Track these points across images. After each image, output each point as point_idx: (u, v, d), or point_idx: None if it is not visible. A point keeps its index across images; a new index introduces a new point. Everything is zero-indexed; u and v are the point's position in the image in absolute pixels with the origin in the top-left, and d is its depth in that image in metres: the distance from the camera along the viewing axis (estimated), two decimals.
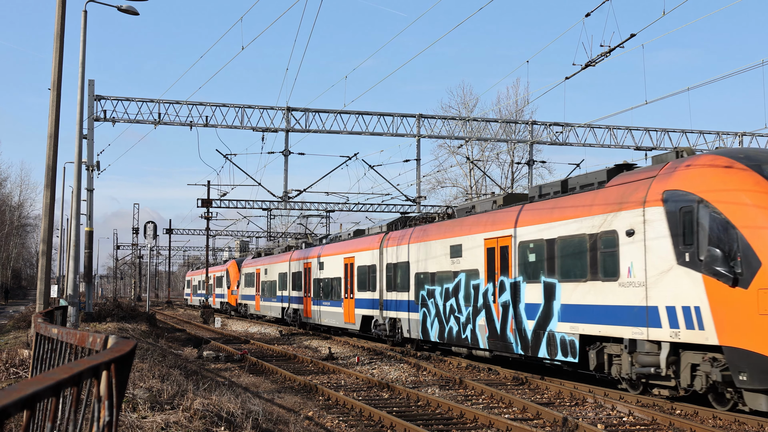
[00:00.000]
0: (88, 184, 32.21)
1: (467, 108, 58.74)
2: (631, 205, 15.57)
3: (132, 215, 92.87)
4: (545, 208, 18.78)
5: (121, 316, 34.67)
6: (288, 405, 15.51)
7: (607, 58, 20.84)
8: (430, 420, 14.03)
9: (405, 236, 27.37)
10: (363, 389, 18.02)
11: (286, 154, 37.09)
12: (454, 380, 19.05)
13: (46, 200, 19.33)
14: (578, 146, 41.18)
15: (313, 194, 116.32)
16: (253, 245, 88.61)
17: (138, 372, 13.51)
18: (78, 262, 30.33)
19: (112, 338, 4.49)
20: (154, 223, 52.69)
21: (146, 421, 9.44)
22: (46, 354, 6.81)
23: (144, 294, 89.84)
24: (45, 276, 19.84)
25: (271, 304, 46.77)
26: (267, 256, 51.34)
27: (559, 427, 13.19)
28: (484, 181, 60.51)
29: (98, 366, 3.28)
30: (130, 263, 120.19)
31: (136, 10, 27.57)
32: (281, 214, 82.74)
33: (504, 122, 47.97)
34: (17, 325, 31.72)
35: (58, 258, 71.78)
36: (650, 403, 15.44)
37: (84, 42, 28.55)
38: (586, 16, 20.75)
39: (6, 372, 13.76)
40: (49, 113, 19.17)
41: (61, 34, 19.30)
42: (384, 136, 38.40)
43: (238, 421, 10.73)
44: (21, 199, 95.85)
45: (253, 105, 36.65)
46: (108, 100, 35.00)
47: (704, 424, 12.96)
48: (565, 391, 16.91)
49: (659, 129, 41.52)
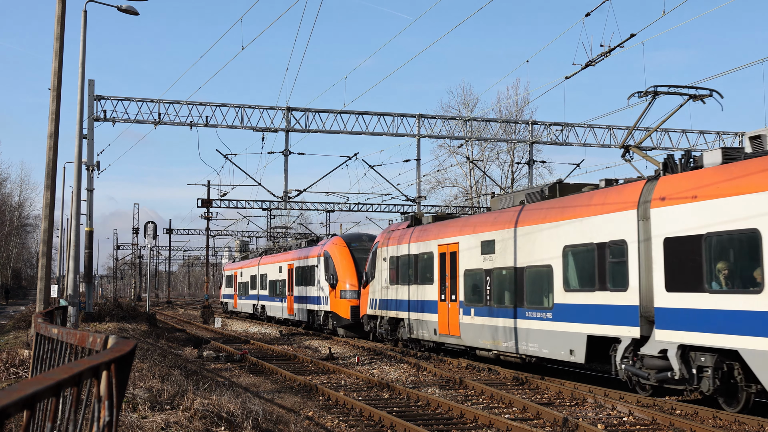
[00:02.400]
0: (88, 184, 32.21)
1: (467, 108, 58.77)
2: None
3: (131, 215, 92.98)
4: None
5: (121, 316, 34.67)
6: (288, 405, 15.50)
7: (607, 57, 20.85)
8: (430, 420, 14.03)
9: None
10: (363, 389, 18.02)
11: (286, 154, 37.08)
12: (454, 380, 19.04)
13: (46, 200, 19.32)
14: (578, 146, 41.22)
15: (313, 194, 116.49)
16: (253, 245, 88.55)
17: (138, 372, 13.51)
18: (78, 262, 30.33)
19: (112, 338, 4.48)
20: (154, 223, 52.65)
21: (146, 421, 9.44)
22: (46, 354, 6.81)
23: (144, 294, 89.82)
24: (45, 276, 19.83)
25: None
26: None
27: (560, 427, 13.19)
28: (484, 181, 60.54)
29: (98, 366, 3.28)
30: (130, 263, 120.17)
31: (136, 10, 27.57)
32: (281, 214, 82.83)
33: (504, 122, 47.97)
34: (17, 325, 31.73)
35: (58, 258, 71.79)
36: (650, 403, 15.44)
37: (84, 42, 28.55)
38: (586, 15, 20.76)
39: (6, 372, 13.75)
40: (49, 113, 19.16)
41: (61, 34, 19.30)
42: (384, 136, 38.42)
43: (238, 421, 10.73)
44: (21, 199, 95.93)
45: (253, 105, 36.67)
46: (108, 100, 35.00)
47: (704, 424, 12.96)
48: (566, 391, 16.91)
49: (659, 129, 41.50)
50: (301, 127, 37.18)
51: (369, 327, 30.07)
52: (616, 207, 16.23)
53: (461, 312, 22.40)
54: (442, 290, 23.75)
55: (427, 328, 24.67)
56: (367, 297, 29.93)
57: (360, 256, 34.32)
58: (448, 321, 23.24)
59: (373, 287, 29.18)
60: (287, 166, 37.45)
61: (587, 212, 17.27)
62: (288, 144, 37.02)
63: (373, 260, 29.39)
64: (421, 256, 25.29)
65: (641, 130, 41.71)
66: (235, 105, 36.50)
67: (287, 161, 37.31)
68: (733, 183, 13.26)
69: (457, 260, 22.76)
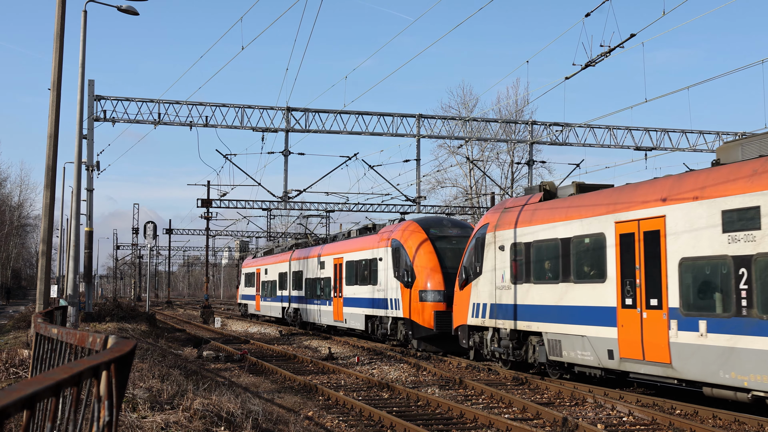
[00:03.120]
0: (87, 184, 32.21)
1: (467, 108, 58.80)
2: None
3: (131, 215, 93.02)
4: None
5: (121, 316, 34.66)
6: (288, 405, 15.50)
7: (607, 58, 20.85)
8: (430, 420, 14.03)
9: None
10: (363, 389, 18.02)
11: (286, 154, 37.09)
12: (454, 380, 19.05)
13: (46, 200, 19.32)
14: (578, 146, 41.23)
15: (313, 194, 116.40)
16: (253, 245, 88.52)
17: (138, 372, 13.51)
18: (78, 262, 30.33)
19: (112, 338, 4.48)
20: (154, 223, 52.68)
21: (146, 421, 9.44)
22: (46, 354, 6.81)
23: (144, 294, 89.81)
24: (45, 276, 19.83)
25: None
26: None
27: (559, 427, 13.20)
28: (484, 181, 60.56)
29: (98, 366, 3.28)
30: (129, 263, 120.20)
31: (136, 10, 27.57)
32: (281, 214, 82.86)
33: (504, 122, 47.99)
34: (17, 325, 31.73)
35: (58, 258, 71.81)
36: (650, 402, 15.45)
37: (84, 42, 28.55)
38: (586, 16, 20.77)
39: (6, 372, 13.75)
40: (49, 113, 19.16)
41: (61, 34, 19.30)
42: (384, 136, 38.43)
43: (238, 421, 10.73)
44: (21, 199, 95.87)
45: (253, 105, 36.68)
46: (108, 100, 35.01)
47: (704, 424, 12.96)
48: (565, 391, 16.91)
49: (659, 129, 41.53)
50: (301, 127, 37.18)
51: (471, 342, 22.36)
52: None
53: (674, 325, 14.68)
54: (627, 291, 16.08)
55: (593, 349, 16.98)
56: (467, 301, 22.29)
57: (442, 245, 27.04)
58: (642, 339, 15.54)
59: (478, 288, 21.66)
60: (287, 166, 37.47)
61: None
62: (288, 144, 37.03)
63: (478, 250, 21.83)
64: (574, 240, 17.78)
65: (641, 129, 41.74)
66: (235, 105, 36.51)
67: (287, 161, 37.33)
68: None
69: (663, 243, 15.13)
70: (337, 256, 33.98)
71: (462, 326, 22.68)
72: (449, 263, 26.22)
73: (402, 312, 26.84)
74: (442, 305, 25.51)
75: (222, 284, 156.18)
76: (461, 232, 27.73)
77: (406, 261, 26.92)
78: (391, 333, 28.21)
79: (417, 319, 25.96)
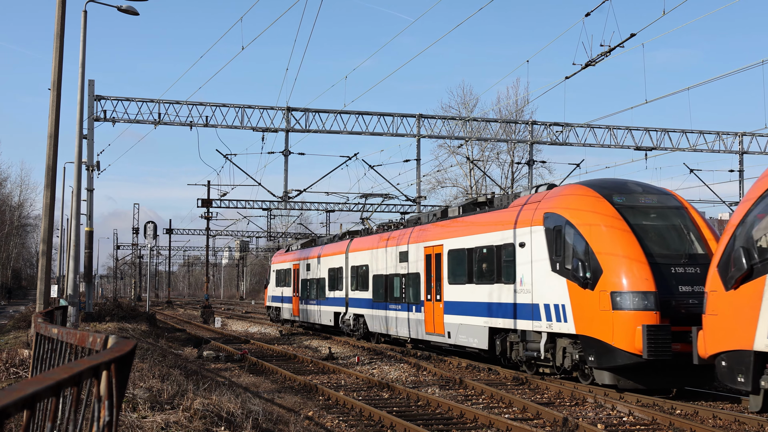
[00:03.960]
0: (88, 184, 32.22)
1: (467, 108, 58.80)
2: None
3: (131, 215, 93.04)
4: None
5: (121, 316, 34.67)
6: (288, 405, 15.51)
7: (607, 57, 20.87)
8: (430, 420, 14.03)
9: None
10: (363, 389, 18.02)
11: (286, 154, 37.10)
12: (454, 380, 19.05)
13: (46, 200, 19.33)
14: (578, 146, 41.24)
15: (313, 194, 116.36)
16: (252, 245, 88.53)
17: (138, 372, 13.52)
18: (78, 262, 30.34)
19: (112, 338, 4.49)
20: (154, 223, 52.73)
21: (146, 421, 9.45)
22: (46, 354, 6.81)
23: (144, 294, 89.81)
24: (45, 276, 19.84)
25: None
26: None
27: (559, 427, 13.20)
28: (484, 181, 60.56)
29: (98, 366, 3.28)
30: (130, 263, 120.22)
31: (136, 10, 27.57)
32: (281, 214, 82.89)
33: (504, 122, 47.99)
34: (17, 325, 31.73)
35: (58, 258, 71.82)
36: (650, 402, 15.45)
37: (84, 42, 28.55)
38: (586, 15, 20.78)
39: (6, 372, 13.76)
40: (49, 113, 19.17)
41: (61, 34, 19.30)
42: (384, 136, 38.45)
43: (238, 421, 10.73)
44: (21, 199, 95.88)
45: (253, 105, 36.70)
46: (108, 100, 35.02)
47: (704, 424, 12.97)
48: (565, 391, 16.91)
49: (659, 129, 41.55)
50: (301, 127, 37.19)
51: (763, 383, 11.82)
52: None
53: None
54: None
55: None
56: (750, 310, 11.90)
57: (638, 221, 17.41)
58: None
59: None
60: (287, 166, 37.47)
61: None
62: (288, 144, 37.04)
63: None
64: None
65: (641, 129, 41.72)
66: (235, 105, 36.53)
67: (287, 161, 37.33)
68: None
69: None
70: (431, 244, 25.13)
71: (735, 353, 12.44)
72: (656, 249, 16.89)
73: (573, 325, 17.39)
74: (654, 315, 15.96)
75: (222, 284, 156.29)
76: (661, 200, 18.25)
77: (580, 246, 17.40)
78: (546, 356, 18.74)
79: (605, 336, 16.40)
